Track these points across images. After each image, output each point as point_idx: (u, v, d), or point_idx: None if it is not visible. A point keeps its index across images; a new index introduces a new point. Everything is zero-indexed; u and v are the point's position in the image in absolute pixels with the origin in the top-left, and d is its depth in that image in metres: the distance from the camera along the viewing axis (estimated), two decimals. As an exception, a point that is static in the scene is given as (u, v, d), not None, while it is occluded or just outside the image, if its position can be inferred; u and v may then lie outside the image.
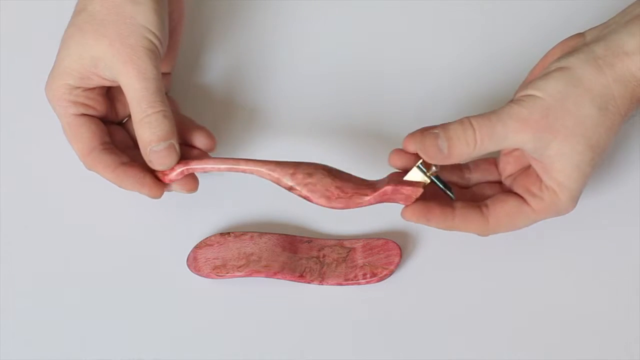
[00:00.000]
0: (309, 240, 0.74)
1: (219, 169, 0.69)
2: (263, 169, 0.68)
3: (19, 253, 0.75)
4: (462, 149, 0.65)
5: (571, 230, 0.74)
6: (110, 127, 0.72)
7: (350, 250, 0.73)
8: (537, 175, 0.67)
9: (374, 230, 0.75)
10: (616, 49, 0.65)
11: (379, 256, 0.73)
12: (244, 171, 0.69)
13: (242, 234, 0.74)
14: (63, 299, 0.73)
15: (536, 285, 0.73)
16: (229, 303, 0.73)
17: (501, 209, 0.68)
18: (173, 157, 0.69)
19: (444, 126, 0.66)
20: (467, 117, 0.66)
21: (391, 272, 0.72)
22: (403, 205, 0.69)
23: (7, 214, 0.76)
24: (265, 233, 0.74)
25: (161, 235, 0.75)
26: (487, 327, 0.71)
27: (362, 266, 0.73)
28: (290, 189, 0.69)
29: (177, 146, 0.69)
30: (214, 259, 0.73)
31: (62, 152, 0.78)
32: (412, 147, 0.68)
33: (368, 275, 0.72)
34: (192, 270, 0.73)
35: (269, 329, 0.72)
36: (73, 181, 0.77)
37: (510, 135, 0.65)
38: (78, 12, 0.68)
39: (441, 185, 0.68)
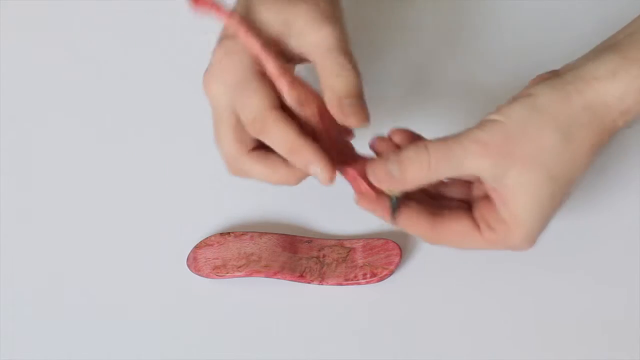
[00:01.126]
0: (309, 240, 0.74)
1: None
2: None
3: (19, 253, 0.75)
4: (414, 172, 0.63)
5: (572, 230, 0.73)
6: None
7: (350, 250, 0.73)
8: (490, 204, 0.64)
9: (374, 230, 0.75)
10: (586, 74, 0.62)
11: (379, 256, 0.73)
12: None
13: (242, 234, 0.74)
14: (63, 299, 0.73)
15: (536, 285, 0.72)
16: (229, 303, 0.73)
17: (452, 224, 0.65)
18: (368, 112, 0.65)
19: (396, 152, 0.64)
20: (424, 141, 0.64)
21: (391, 272, 0.72)
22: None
23: (7, 214, 0.76)
24: (265, 233, 0.74)
25: (161, 235, 0.75)
26: (487, 327, 0.71)
27: (362, 266, 0.72)
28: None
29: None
30: (214, 259, 0.73)
31: (62, 152, 0.78)
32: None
33: (368, 275, 0.72)
34: (192, 270, 0.73)
35: (269, 329, 0.72)
36: (73, 181, 0.77)
37: (468, 160, 0.62)
38: None
39: (392, 203, 0.66)
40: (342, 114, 0.64)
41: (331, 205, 0.76)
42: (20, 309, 0.73)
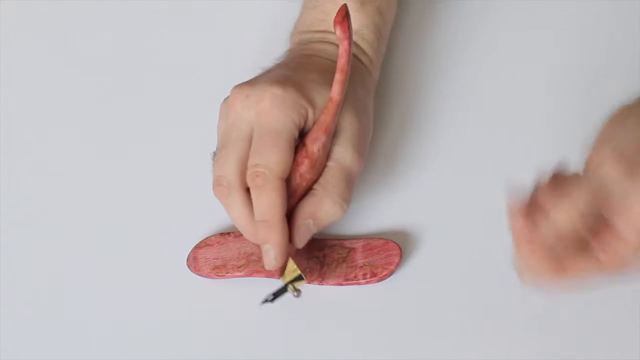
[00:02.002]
0: (309, 240, 0.74)
1: None
2: None
3: (19, 253, 0.75)
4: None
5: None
6: None
7: (350, 250, 0.73)
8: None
9: (374, 230, 0.75)
10: None
11: (379, 256, 0.73)
12: None
13: (242, 234, 0.74)
14: (63, 299, 0.73)
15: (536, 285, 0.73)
16: (229, 303, 0.72)
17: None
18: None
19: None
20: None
21: (391, 272, 0.72)
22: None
23: (7, 214, 0.76)
24: (266, 233, 0.74)
25: (161, 235, 0.75)
26: (487, 327, 0.71)
27: (362, 266, 0.72)
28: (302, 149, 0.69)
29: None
30: (214, 259, 0.73)
31: (62, 153, 0.78)
32: None
33: (368, 275, 0.72)
34: (192, 271, 0.73)
35: (269, 329, 0.72)
36: (73, 182, 0.77)
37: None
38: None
39: (272, 297, 0.69)
40: (297, 229, 0.68)
41: (331, 205, 0.76)
42: (20, 309, 0.73)
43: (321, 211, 0.68)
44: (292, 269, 0.69)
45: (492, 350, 0.71)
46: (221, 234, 0.74)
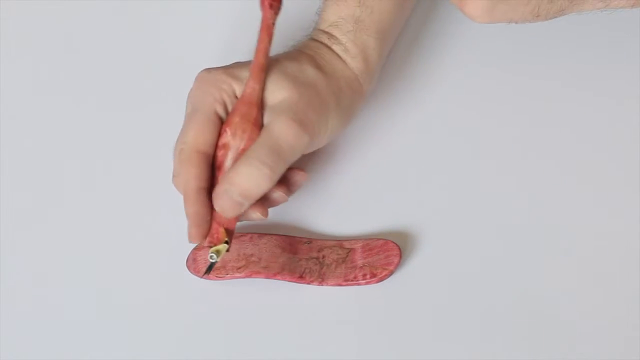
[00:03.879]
0: (309, 241, 0.74)
1: None
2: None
3: (18, 253, 0.75)
4: None
5: (573, 231, 0.74)
6: None
7: (349, 251, 0.73)
8: None
9: (374, 230, 0.75)
10: None
11: (379, 257, 0.73)
12: None
13: (242, 235, 0.74)
14: (62, 299, 0.73)
15: (536, 285, 0.73)
16: (229, 304, 0.72)
17: None
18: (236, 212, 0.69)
19: None
20: None
21: (391, 273, 0.72)
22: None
23: (8, 214, 0.76)
24: (265, 234, 0.74)
25: (161, 237, 0.75)
26: (486, 327, 0.71)
27: (361, 267, 0.72)
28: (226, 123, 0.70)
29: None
30: (213, 260, 0.73)
31: (62, 153, 0.78)
32: None
33: (368, 276, 0.72)
34: (191, 272, 0.73)
35: (269, 330, 0.72)
36: (73, 182, 0.77)
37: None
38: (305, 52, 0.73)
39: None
40: (217, 195, 0.68)
41: (331, 206, 0.76)
42: (20, 309, 0.73)
43: (238, 175, 0.67)
44: (223, 239, 0.68)
45: (492, 350, 0.71)
46: (221, 235, 0.74)
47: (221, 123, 0.69)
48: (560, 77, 0.80)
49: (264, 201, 0.70)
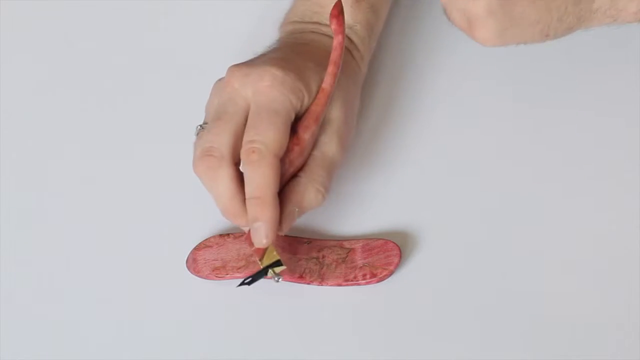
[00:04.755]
0: (309, 241, 0.74)
1: None
2: None
3: (19, 254, 0.75)
4: None
5: (572, 231, 0.74)
6: None
7: (349, 251, 0.73)
8: None
9: (374, 230, 0.75)
10: None
11: (379, 257, 0.73)
12: None
13: (242, 235, 0.74)
14: (63, 300, 0.73)
15: (535, 285, 0.72)
16: (229, 304, 0.72)
17: None
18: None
19: None
20: None
21: (391, 273, 0.72)
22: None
23: (8, 215, 0.76)
24: (265, 234, 0.74)
25: (160, 237, 0.75)
26: (486, 327, 0.71)
27: (361, 267, 0.72)
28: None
29: None
30: (213, 260, 0.73)
31: (62, 153, 0.78)
32: None
33: (368, 276, 0.72)
34: (191, 272, 0.73)
35: (268, 330, 0.72)
36: (73, 183, 0.77)
37: None
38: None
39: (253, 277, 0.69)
40: (285, 217, 0.68)
41: (330, 206, 0.75)
42: (20, 309, 0.73)
43: (305, 199, 0.69)
44: (272, 254, 0.69)
45: (492, 350, 0.71)
46: (220, 235, 0.74)
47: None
48: (560, 78, 0.80)
49: None
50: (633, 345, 0.70)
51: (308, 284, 0.72)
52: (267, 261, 0.69)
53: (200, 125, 0.70)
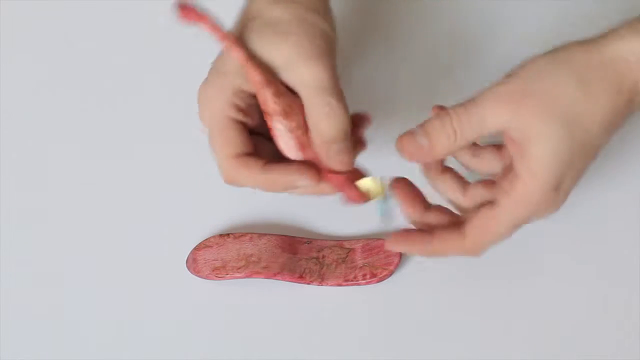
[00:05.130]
0: (309, 241, 0.74)
1: None
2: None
3: (19, 254, 0.75)
4: (442, 140, 0.63)
5: (572, 234, 0.74)
6: (256, 138, 0.68)
7: (349, 251, 0.73)
8: (512, 170, 0.63)
9: (374, 230, 0.75)
10: (609, 34, 0.62)
11: (379, 257, 0.73)
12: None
13: (242, 235, 0.74)
14: (63, 300, 0.73)
15: (535, 285, 0.72)
16: (229, 304, 0.73)
17: (474, 221, 0.63)
18: (353, 155, 0.66)
19: (421, 123, 0.64)
20: (444, 109, 0.63)
21: (391, 273, 0.72)
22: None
23: (8, 215, 0.76)
24: (265, 234, 0.74)
25: (160, 237, 0.75)
26: (486, 327, 0.71)
27: (361, 267, 0.72)
28: (266, 113, 0.65)
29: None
30: (213, 260, 0.73)
31: (62, 153, 0.78)
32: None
33: (368, 276, 0.72)
34: (191, 272, 0.73)
35: (268, 330, 0.72)
36: (73, 183, 0.77)
37: (488, 117, 0.62)
38: (250, 19, 0.66)
39: (380, 211, 0.67)
40: (328, 158, 0.64)
41: (330, 206, 0.75)
42: (20, 309, 0.73)
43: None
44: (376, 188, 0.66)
45: (492, 350, 0.71)
46: (220, 235, 0.74)
47: (241, 122, 0.66)
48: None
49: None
50: (633, 345, 0.70)
51: (308, 284, 0.72)
52: (377, 194, 0.66)
53: None
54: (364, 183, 0.66)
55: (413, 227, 0.67)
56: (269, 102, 0.64)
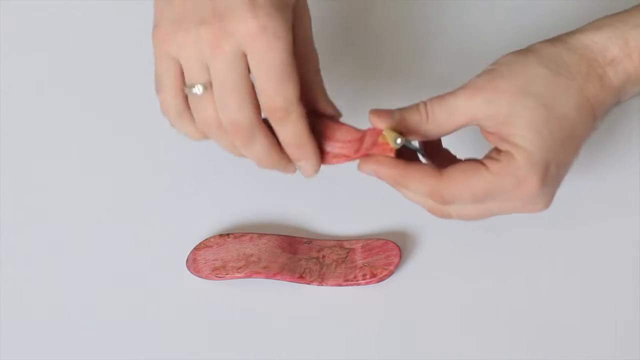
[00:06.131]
0: (309, 241, 0.74)
1: None
2: None
3: (18, 254, 0.75)
4: (414, 117, 0.64)
5: (571, 232, 0.74)
6: None
7: (349, 251, 0.73)
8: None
9: (374, 230, 0.75)
10: (574, 30, 0.64)
11: (379, 257, 0.73)
12: None
13: (242, 235, 0.74)
14: (62, 300, 0.73)
15: (535, 285, 0.72)
16: (229, 304, 0.73)
17: (457, 167, 0.64)
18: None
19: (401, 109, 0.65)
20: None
21: (391, 273, 0.72)
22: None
23: (8, 214, 0.76)
24: (265, 234, 0.74)
25: (161, 237, 0.75)
26: (486, 327, 0.71)
27: (361, 267, 0.72)
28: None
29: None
30: (213, 260, 0.73)
31: (61, 153, 0.78)
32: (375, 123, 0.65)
33: (368, 276, 0.72)
34: (191, 272, 0.73)
35: (268, 330, 0.72)
36: (73, 183, 0.77)
37: (460, 103, 0.63)
38: None
39: (410, 147, 0.65)
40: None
41: (330, 206, 0.76)
42: (19, 309, 0.73)
43: None
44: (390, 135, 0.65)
45: (492, 351, 0.71)
46: (220, 235, 0.74)
47: None
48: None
49: None
50: (633, 345, 0.70)
51: (308, 284, 0.72)
52: (393, 137, 0.65)
53: (194, 88, 0.64)
54: (383, 137, 0.65)
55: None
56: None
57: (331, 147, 0.66)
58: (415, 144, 0.66)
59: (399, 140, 0.64)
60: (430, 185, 0.64)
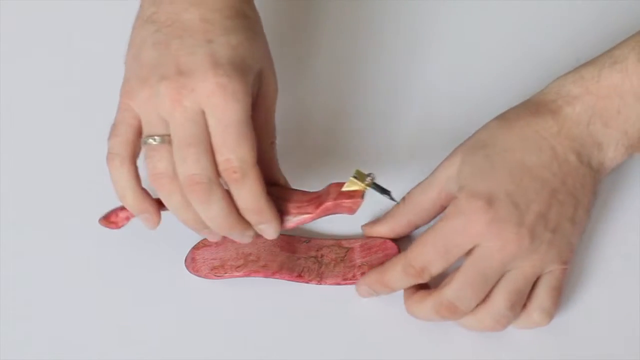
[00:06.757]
0: (307, 240, 0.74)
1: None
2: None
3: (18, 253, 0.75)
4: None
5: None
6: None
7: (348, 250, 0.73)
8: None
9: (372, 229, 0.75)
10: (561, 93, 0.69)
11: (377, 256, 0.73)
12: None
13: (241, 235, 0.74)
14: (62, 299, 0.73)
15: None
16: (228, 303, 0.73)
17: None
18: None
19: None
20: None
21: (389, 272, 0.72)
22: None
23: (7, 214, 0.76)
24: (264, 233, 0.74)
25: (159, 236, 0.74)
26: (485, 326, 0.71)
27: (360, 266, 0.72)
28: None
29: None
30: (212, 259, 0.73)
31: (61, 152, 0.79)
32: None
33: (366, 275, 0.72)
34: (190, 271, 0.73)
35: (267, 329, 0.72)
36: (72, 182, 0.77)
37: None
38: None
39: (378, 192, 0.69)
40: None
41: (329, 205, 0.76)
42: (19, 309, 0.73)
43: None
44: (362, 177, 0.68)
45: (492, 350, 0.71)
46: (219, 234, 0.74)
47: None
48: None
49: None
50: (633, 345, 0.70)
51: (307, 282, 0.72)
52: (363, 182, 0.68)
53: (150, 139, 0.65)
54: (349, 186, 0.68)
55: None
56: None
57: (290, 209, 0.69)
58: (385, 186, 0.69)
59: (368, 179, 0.67)
60: (399, 263, 0.68)
